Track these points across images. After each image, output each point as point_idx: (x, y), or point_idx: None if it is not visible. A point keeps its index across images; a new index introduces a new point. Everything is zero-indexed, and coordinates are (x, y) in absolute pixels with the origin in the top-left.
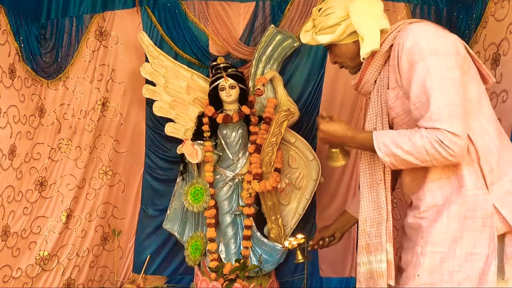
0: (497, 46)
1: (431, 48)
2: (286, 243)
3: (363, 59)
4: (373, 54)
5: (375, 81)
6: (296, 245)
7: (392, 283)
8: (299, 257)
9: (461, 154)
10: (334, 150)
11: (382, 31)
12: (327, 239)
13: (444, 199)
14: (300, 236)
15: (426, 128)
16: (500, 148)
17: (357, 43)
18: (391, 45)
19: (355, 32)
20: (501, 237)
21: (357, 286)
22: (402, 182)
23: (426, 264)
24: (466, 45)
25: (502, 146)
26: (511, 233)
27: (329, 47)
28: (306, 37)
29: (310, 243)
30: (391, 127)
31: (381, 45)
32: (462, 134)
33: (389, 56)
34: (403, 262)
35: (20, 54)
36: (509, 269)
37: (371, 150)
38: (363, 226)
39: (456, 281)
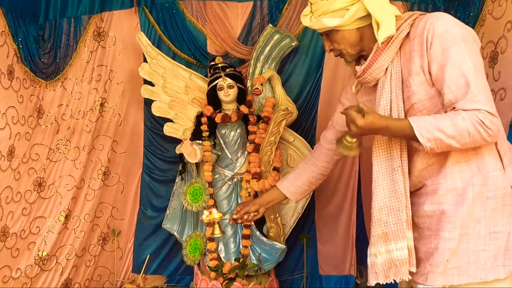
0: (495, 44)
1: (462, 35)
2: (204, 217)
3: (381, 43)
4: (387, 40)
5: (386, 68)
6: (216, 220)
7: (414, 269)
8: (217, 231)
9: (497, 135)
10: (351, 140)
11: (396, 17)
12: (252, 214)
13: (463, 182)
14: (215, 211)
15: (465, 110)
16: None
17: (361, 30)
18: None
19: (362, 17)
20: None
21: (371, 279)
22: (411, 170)
23: (455, 247)
24: None
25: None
26: None
27: (326, 33)
28: (306, 21)
29: (233, 216)
30: (405, 113)
31: (396, 31)
32: (497, 115)
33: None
34: (422, 252)
35: (18, 55)
36: None
37: (408, 137)
38: (378, 215)
39: (483, 260)
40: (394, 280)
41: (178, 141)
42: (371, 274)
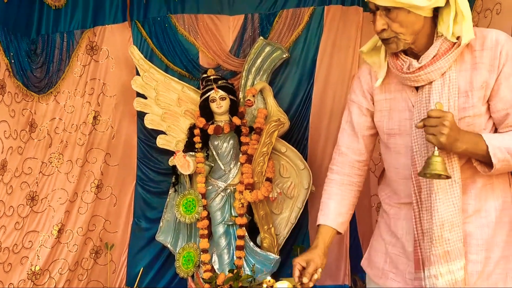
0: None
1: None
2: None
3: (455, 43)
4: (452, 43)
5: (443, 73)
6: None
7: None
8: None
9: None
10: (439, 158)
11: None
12: (320, 269)
13: (488, 205)
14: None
15: None
16: None
17: (425, 21)
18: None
19: (436, 8)
20: None
21: None
22: None
23: (481, 271)
24: None
25: None
26: None
27: (389, 9)
28: None
29: (304, 280)
30: None
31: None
32: None
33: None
34: None
35: (10, 69)
36: None
37: (477, 153)
38: (440, 232)
39: (494, 283)
40: None
41: (171, 153)
42: None
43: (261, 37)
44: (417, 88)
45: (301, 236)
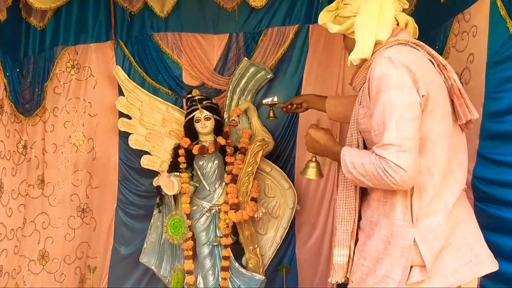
0: (459, 75)
1: (396, 81)
2: (263, 101)
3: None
4: (361, 63)
5: (360, 89)
6: (271, 104)
7: (348, 275)
8: (271, 114)
9: (404, 185)
10: (312, 163)
11: (377, 43)
12: (294, 105)
13: (376, 219)
14: (275, 98)
15: (375, 154)
16: (439, 190)
17: None
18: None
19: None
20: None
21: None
22: None
23: (357, 274)
24: (449, 80)
25: (444, 187)
26: (419, 267)
27: (344, 35)
28: (324, 18)
29: (282, 105)
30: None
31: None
32: (407, 168)
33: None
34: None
35: (7, 89)
36: None
37: (339, 163)
38: (335, 223)
39: None
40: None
41: (153, 176)
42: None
43: (246, 58)
44: None
45: (288, 257)
